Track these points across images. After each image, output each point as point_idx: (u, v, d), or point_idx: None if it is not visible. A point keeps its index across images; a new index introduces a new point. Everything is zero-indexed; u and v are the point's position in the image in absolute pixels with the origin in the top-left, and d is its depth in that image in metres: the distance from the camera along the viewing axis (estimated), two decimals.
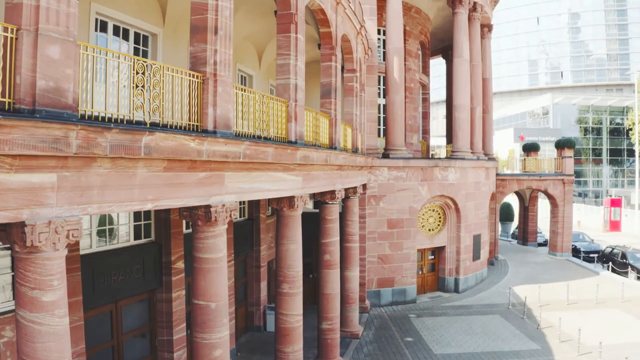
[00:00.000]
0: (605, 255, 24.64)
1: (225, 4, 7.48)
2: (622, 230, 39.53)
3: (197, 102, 7.17)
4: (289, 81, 9.80)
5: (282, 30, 9.85)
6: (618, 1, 74.38)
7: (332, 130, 12.40)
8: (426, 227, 19.73)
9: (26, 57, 4.83)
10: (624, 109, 59.55)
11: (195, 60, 7.35)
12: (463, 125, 20.37)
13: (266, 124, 8.99)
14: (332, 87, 12.43)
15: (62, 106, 5.07)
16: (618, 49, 74.71)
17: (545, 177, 25.10)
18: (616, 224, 39.47)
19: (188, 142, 6.38)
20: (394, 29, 18.42)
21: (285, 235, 10.15)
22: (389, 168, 18.06)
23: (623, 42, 74.50)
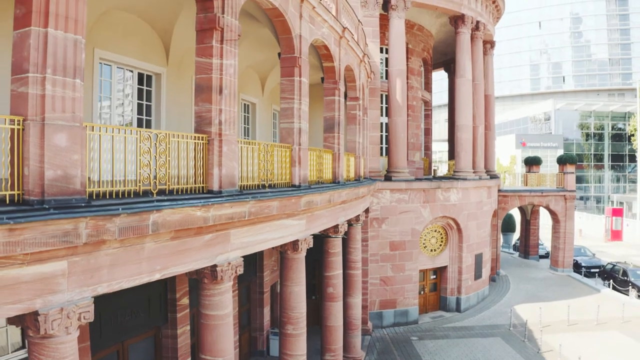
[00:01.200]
0: (606, 271, 24.66)
1: (230, 61, 7.50)
2: (624, 239, 39.57)
3: (202, 164, 7.20)
4: (292, 125, 9.83)
5: (286, 74, 9.86)
6: (620, 6, 74.17)
7: (335, 165, 12.42)
8: (428, 248, 19.76)
9: (34, 148, 4.85)
10: (625, 114, 59.47)
11: (200, 120, 7.37)
12: (465, 146, 20.37)
13: (270, 172, 9.02)
14: (335, 121, 12.44)
15: (70, 192, 5.10)
16: (620, 54, 74.52)
17: (547, 193, 25.10)
18: (617, 233, 39.50)
19: (195, 211, 6.40)
20: (396, 51, 18.39)
21: (289, 278, 10.18)
22: (391, 190, 18.09)
23: (625, 46, 74.32)
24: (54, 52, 4.93)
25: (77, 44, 5.16)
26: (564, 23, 78.01)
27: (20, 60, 4.90)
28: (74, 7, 5.09)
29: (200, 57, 7.34)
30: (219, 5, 7.28)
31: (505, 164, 56.18)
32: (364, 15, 18.11)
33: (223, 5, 7.32)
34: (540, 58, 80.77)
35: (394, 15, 18.46)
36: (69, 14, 5.05)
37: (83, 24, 5.24)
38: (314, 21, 10.66)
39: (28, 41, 4.84)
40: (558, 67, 79.17)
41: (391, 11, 18.45)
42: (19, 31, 4.93)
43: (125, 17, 9.76)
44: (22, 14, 4.92)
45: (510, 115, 69.04)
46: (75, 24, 5.12)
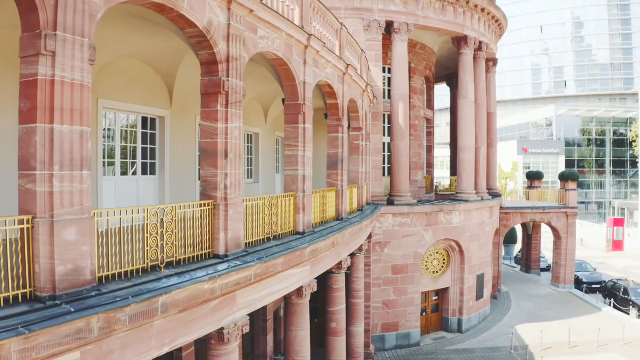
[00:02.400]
0: (607, 289, 24.70)
1: (235, 124, 7.52)
2: (625, 249, 39.62)
3: (208, 230, 7.22)
4: (297, 173, 9.84)
5: (290, 121, 9.87)
6: (622, 10, 73.98)
7: (338, 202, 12.44)
8: (430, 270, 19.80)
9: (44, 246, 4.88)
10: (627, 120, 59.44)
11: (205, 185, 7.39)
12: (467, 167, 20.37)
13: (275, 224, 9.05)
14: (338, 158, 12.46)
15: (81, 284, 5.15)
16: (622, 59, 74.38)
17: (548, 210, 25.11)
18: (619, 243, 39.55)
19: (202, 285, 6.43)
20: (399, 76, 18.38)
21: (293, 322, 10.21)
22: (393, 215, 18.10)
23: (627, 51, 74.17)
24: (61, 147, 4.95)
25: (84, 135, 5.18)
26: (565, 27, 77.84)
27: (27, 157, 4.92)
28: (79, 99, 5.11)
29: (205, 121, 7.36)
30: (224, 68, 7.30)
31: (507, 170, 56.21)
32: (366, 39, 18.10)
33: (228, 69, 7.34)
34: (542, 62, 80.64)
35: (397, 39, 18.43)
36: (74, 107, 5.07)
37: (88, 114, 5.27)
38: (318, 64, 10.66)
39: (34, 138, 4.86)
40: (560, 71, 79.06)
41: (394, 34, 18.42)
42: (25, 126, 4.95)
43: (129, 63, 9.77)
44: (27, 109, 4.94)
45: (511, 120, 68.99)
46: (81, 116, 5.14)
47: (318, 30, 10.82)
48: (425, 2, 18.81)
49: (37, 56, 4.83)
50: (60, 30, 4.90)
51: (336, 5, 17.96)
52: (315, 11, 10.68)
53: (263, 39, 8.32)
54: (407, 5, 18.49)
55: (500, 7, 22.10)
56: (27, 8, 4.87)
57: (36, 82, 4.84)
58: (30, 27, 4.91)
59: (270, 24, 8.39)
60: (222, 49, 7.21)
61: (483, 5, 20.43)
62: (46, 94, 4.85)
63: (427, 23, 19.10)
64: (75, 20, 5.04)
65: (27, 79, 4.93)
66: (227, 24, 7.28)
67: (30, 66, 4.89)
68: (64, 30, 4.94)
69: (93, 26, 5.29)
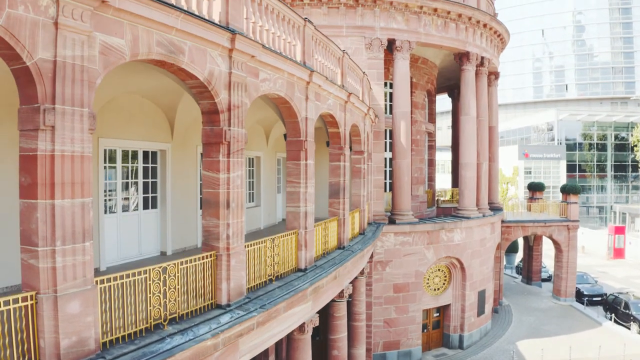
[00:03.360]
0: (608, 302, 24.67)
1: (237, 173, 7.48)
2: (626, 257, 39.59)
3: (211, 281, 7.19)
4: (299, 210, 9.81)
5: (292, 157, 9.83)
6: (623, 14, 73.76)
7: (340, 230, 12.41)
8: (432, 287, 19.77)
9: (48, 321, 4.86)
10: (628, 124, 59.35)
11: (207, 234, 7.36)
12: (469, 184, 20.32)
13: (278, 264, 9.02)
14: (340, 187, 12.41)
15: (85, 354, 5.14)
16: (623, 62, 74.18)
17: (550, 224, 25.06)
18: (620, 251, 39.53)
19: (205, 343, 6.39)
20: (401, 94, 18.31)
21: (295, 358, 10.19)
22: (395, 234, 18.06)
23: (628, 55, 73.98)
24: (62, 222, 4.92)
25: (85, 206, 5.15)
26: (567, 31, 77.62)
27: (29, 232, 4.89)
28: (79, 170, 5.07)
29: (207, 171, 7.32)
30: (225, 118, 7.26)
31: (508, 175, 56.13)
32: (368, 57, 18.03)
33: (229, 117, 7.30)
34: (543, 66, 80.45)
35: (399, 57, 18.36)
36: (75, 180, 5.04)
37: (89, 184, 5.23)
38: (320, 97, 10.61)
39: (35, 214, 4.83)
40: (561, 75, 78.87)
41: (396, 52, 18.35)
42: (26, 201, 4.92)
43: (130, 99, 9.73)
44: (27, 184, 4.91)
45: (512, 123, 68.87)
46: (82, 187, 5.12)
47: (320, 62, 10.77)
48: (427, 19, 18.72)
49: (36, 131, 4.80)
50: (59, 103, 4.86)
51: (337, 23, 17.90)
52: (317, 43, 10.62)
53: (265, 82, 8.27)
54: (409, 23, 18.41)
55: (502, 22, 21.99)
56: (25, 80, 4.83)
57: (36, 157, 4.81)
58: (28, 100, 4.87)
59: (272, 66, 8.34)
60: (223, 98, 7.17)
61: (485, 21, 20.34)
62: (46, 170, 4.82)
63: (429, 40, 19.02)
64: (74, 90, 5.00)
65: (26, 153, 4.90)
66: (228, 72, 7.24)
67: (30, 140, 4.86)
68: (63, 103, 4.90)
69: (92, 93, 5.25)
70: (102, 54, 5.32)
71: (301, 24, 9.64)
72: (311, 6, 17.82)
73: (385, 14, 18.10)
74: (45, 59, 4.78)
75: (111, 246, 9.58)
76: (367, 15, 17.99)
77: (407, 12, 18.31)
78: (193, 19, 6.32)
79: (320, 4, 17.77)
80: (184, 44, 6.36)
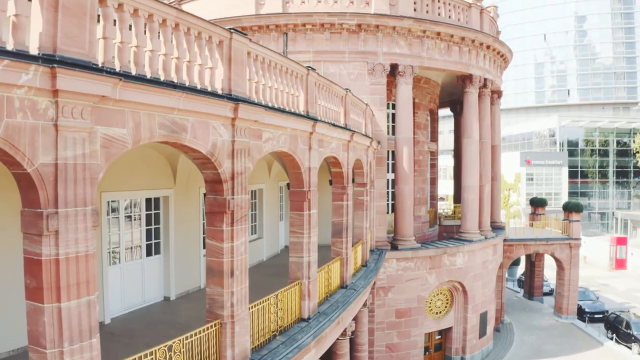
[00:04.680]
0: (609, 321, 24.61)
1: (241, 240, 7.44)
2: (628, 268, 39.53)
3: (215, 350, 7.16)
4: (302, 260, 9.77)
5: (295, 208, 9.79)
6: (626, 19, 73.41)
7: (343, 270, 12.38)
8: (434, 311, 19.74)
9: None
10: (630, 130, 59.21)
11: (212, 302, 7.32)
12: (472, 207, 20.26)
13: (281, 318, 8.99)
14: (343, 226, 12.37)
15: None
16: (625, 67, 73.88)
17: (552, 242, 25.00)
18: (622, 262, 39.48)
19: None
20: (403, 119, 18.23)
21: None
22: (397, 260, 18.02)
23: (630, 60, 73.68)
24: (69, 323, 4.89)
25: (91, 304, 5.11)
26: (568, 36, 77.30)
27: (36, 334, 4.86)
28: (84, 270, 5.03)
29: (211, 240, 7.27)
30: (229, 187, 7.21)
31: (510, 181, 56.03)
32: (370, 83, 17.94)
33: (233, 186, 7.25)
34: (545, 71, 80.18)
35: (401, 82, 18.27)
36: (80, 280, 5.00)
37: (94, 281, 5.19)
38: (323, 142, 10.56)
39: (42, 318, 4.80)
40: (563, 79, 78.60)
41: (399, 77, 18.25)
42: (32, 303, 4.88)
43: (132, 150, 9.64)
44: (32, 287, 4.88)
45: (514, 129, 68.69)
46: (87, 285, 5.08)
47: (323, 106, 10.70)
48: (430, 43, 18.61)
49: (40, 236, 4.76)
50: (61, 207, 4.82)
51: (340, 48, 17.80)
52: (320, 88, 10.55)
53: (268, 142, 8.22)
54: (412, 47, 18.30)
55: (504, 43, 21.87)
56: (26, 185, 4.79)
57: (40, 262, 4.78)
58: (30, 204, 4.82)
59: (276, 125, 8.29)
60: (226, 167, 7.12)
61: (488, 43, 20.21)
62: (51, 274, 4.79)
63: (431, 64, 18.92)
64: (77, 190, 4.95)
65: (30, 257, 4.86)
66: (231, 141, 7.18)
67: (34, 245, 4.81)
68: (66, 206, 4.86)
69: (94, 188, 5.20)
70: (104, 147, 5.27)
71: (304, 73, 9.57)
72: (313, 31, 17.72)
73: (388, 39, 17.99)
74: (46, 164, 4.73)
75: (115, 297, 9.56)
76: (370, 40, 17.88)
77: (410, 37, 18.20)
78: (195, 96, 6.27)
79: (322, 29, 17.66)
80: (186, 121, 6.31)
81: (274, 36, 17.94)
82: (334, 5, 17.83)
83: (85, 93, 4.87)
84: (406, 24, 17.85)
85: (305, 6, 17.84)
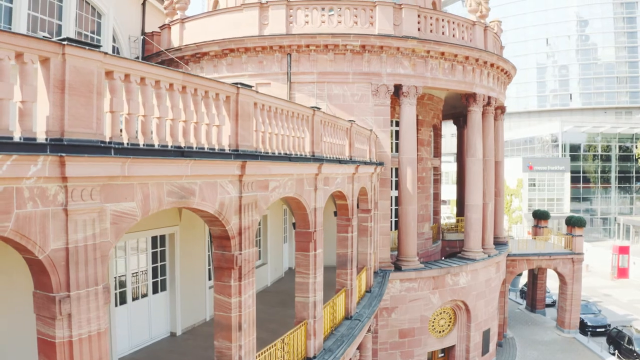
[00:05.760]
0: (611, 336, 24.62)
1: (248, 293, 7.46)
2: (630, 277, 39.52)
3: None
4: (308, 300, 9.79)
5: (301, 249, 9.80)
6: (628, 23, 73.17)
7: (347, 301, 12.40)
8: (437, 330, 19.77)
9: None
10: (633, 135, 59.15)
11: (220, 355, 7.34)
12: (475, 226, 20.26)
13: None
14: (348, 258, 12.39)
15: None
16: (628, 72, 73.64)
17: (554, 257, 25.00)
18: (624, 271, 39.48)
19: None
20: (407, 140, 18.21)
21: None
22: (401, 280, 18.03)
23: (633, 64, 73.42)
24: None
25: None
26: (571, 40, 77.05)
27: None
28: (97, 349, 5.06)
29: (219, 295, 7.29)
30: (236, 243, 7.23)
31: (512, 187, 55.99)
32: (374, 104, 17.91)
33: (241, 241, 7.26)
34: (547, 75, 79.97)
35: (405, 102, 18.24)
36: (92, 357, 5.03)
37: (107, 356, 5.23)
38: (329, 180, 10.57)
39: None
40: (565, 84, 78.39)
41: (402, 98, 18.23)
42: None
43: None
44: None
45: (516, 133, 68.62)
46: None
47: (328, 143, 10.70)
48: (434, 62, 18.57)
49: (53, 320, 4.79)
50: (73, 289, 4.84)
51: (344, 70, 17.78)
52: (325, 125, 10.54)
53: (275, 190, 8.23)
54: (416, 68, 18.26)
55: (508, 60, 21.83)
56: (38, 270, 4.80)
57: (54, 344, 4.80)
58: (43, 287, 4.84)
59: (282, 173, 8.30)
60: (234, 224, 7.13)
61: (492, 61, 20.17)
62: (65, 356, 4.82)
63: (435, 84, 18.90)
64: (88, 271, 4.98)
65: (44, 338, 4.89)
66: (238, 197, 7.19)
67: (47, 327, 4.84)
68: (78, 288, 4.88)
69: (105, 266, 5.23)
70: (114, 224, 5.29)
71: (310, 114, 9.58)
72: (317, 52, 17.69)
73: (391, 59, 17.95)
74: (57, 249, 4.75)
75: (122, 336, 9.59)
76: (374, 61, 17.85)
77: (414, 57, 18.16)
78: (203, 162, 6.28)
79: (326, 50, 17.63)
80: (194, 185, 6.32)
81: (277, 57, 17.91)
82: (338, 25, 17.80)
83: (95, 176, 4.90)
84: (410, 45, 17.82)
85: (309, 26, 17.81)
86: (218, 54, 18.33)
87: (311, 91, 17.86)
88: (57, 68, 4.63)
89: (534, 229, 29.16)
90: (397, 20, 18.07)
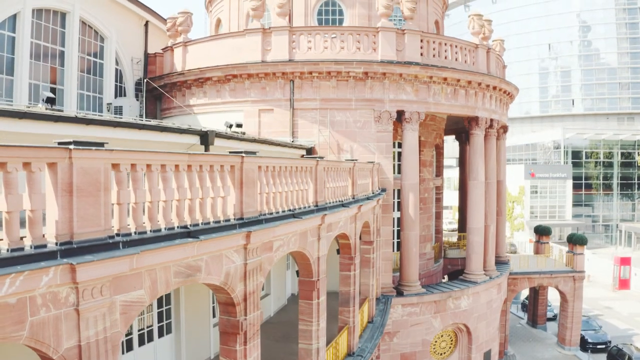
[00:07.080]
0: (612, 354, 24.72)
1: (253, 356, 7.57)
2: (632, 288, 39.57)
3: None
4: (311, 347, 9.91)
5: (304, 297, 9.91)
6: (631, 29, 72.92)
7: (350, 338, 12.52)
8: (438, 352, 19.90)
9: None
10: (635, 142, 59.13)
11: None
12: (477, 249, 20.36)
13: None
14: (350, 296, 12.50)
15: None
16: (630, 77, 73.48)
17: (556, 275, 25.10)
18: (625, 282, 39.55)
19: None
20: (409, 167, 18.30)
21: None
22: (402, 305, 18.15)
23: (635, 70, 73.25)
24: None
25: None
26: (573, 45, 76.87)
27: None
28: None
29: (225, 359, 7.42)
30: (241, 309, 7.33)
31: (514, 194, 56.05)
32: (377, 130, 18.00)
33: (245, 307, 7.37)
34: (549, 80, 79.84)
35: (408, 128, 18.32)
36: None
37: None
38: (332, 226, 10.67)
39: None
40: (567, 89, 78.27)
41: (405, 124, 18.30)
42: None
43: None
44: None
45: (518, 139, 68.59)
46: None
47: (331, 188, 10.79)
48: (436, 87, 18.63)
49: None
50: None
51: (346, 96, 17.86)
52: (328, 171, 10.63)
53: (279, 249, 8.34)
54: (418, 93, 18.33)
55: (510, 82, 21.88)
56: None
57: None
58: None
59: (286, 232, 8.40)
60: (239, 291, 7.24)
61: (495, 84, 20.22)
62: None
63: (438, 109, 18.99)
64: None
65: None
66: (243, 264, 7.30)
67: None
68: None
69: (117, 355, 5.34)
70: (123, 314, 5.38)
71: (313, 165, 9.67)
72: (320, 79, 17.77)
73: (394, 85, 18.01)
74: (70, 347, 4.86)
75: None
76: (377, 87, 17.92)
77: (417, 83, 18.22)
78: (209, 241, 6.38)
79: (329, 77, 17.71)
80: (200, 261, 6.42)
81: (280, 83, 17.99)
82: (341, 51, 17.86)
83: (104, 276, 5.01)
84: (413, 71, 17.88)
85: (312, 52, 17.88)
86: (221, 79, 18.42)
87: (314, 117, 17.95)
88: (65, 172, 4.72)
89: (535, 245, 29.24)
90: (400, 45, 18.12)
